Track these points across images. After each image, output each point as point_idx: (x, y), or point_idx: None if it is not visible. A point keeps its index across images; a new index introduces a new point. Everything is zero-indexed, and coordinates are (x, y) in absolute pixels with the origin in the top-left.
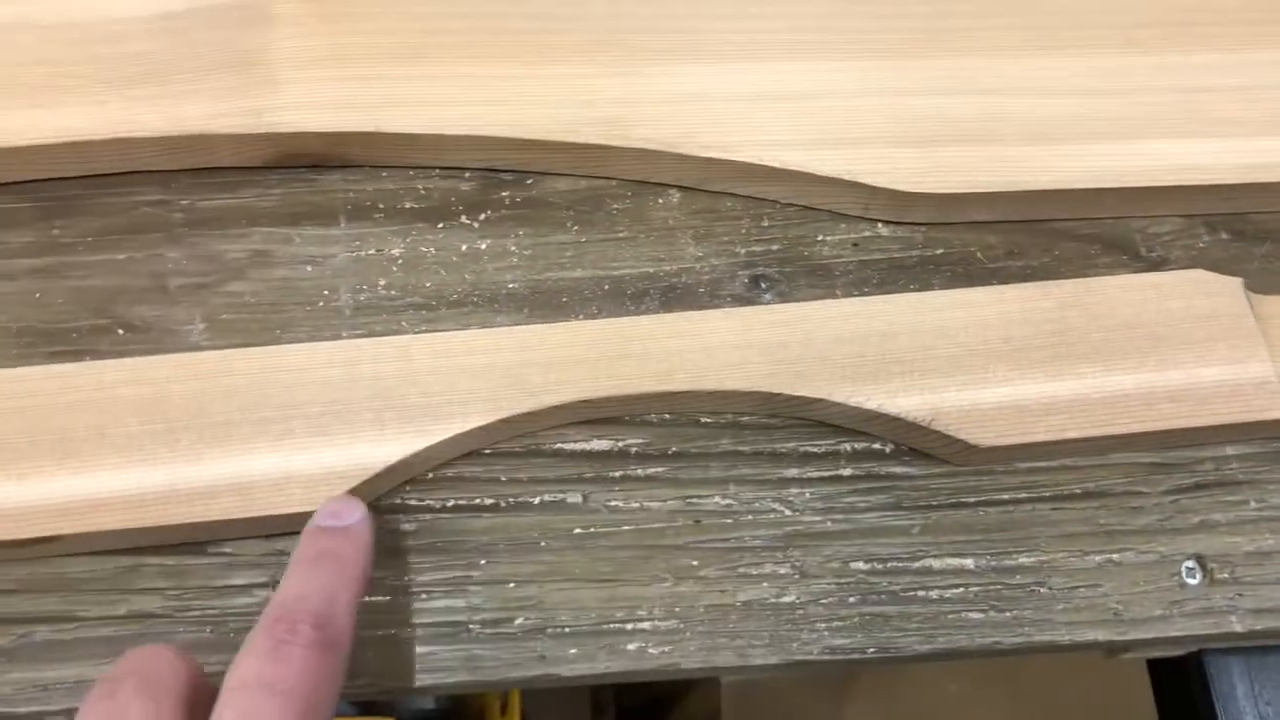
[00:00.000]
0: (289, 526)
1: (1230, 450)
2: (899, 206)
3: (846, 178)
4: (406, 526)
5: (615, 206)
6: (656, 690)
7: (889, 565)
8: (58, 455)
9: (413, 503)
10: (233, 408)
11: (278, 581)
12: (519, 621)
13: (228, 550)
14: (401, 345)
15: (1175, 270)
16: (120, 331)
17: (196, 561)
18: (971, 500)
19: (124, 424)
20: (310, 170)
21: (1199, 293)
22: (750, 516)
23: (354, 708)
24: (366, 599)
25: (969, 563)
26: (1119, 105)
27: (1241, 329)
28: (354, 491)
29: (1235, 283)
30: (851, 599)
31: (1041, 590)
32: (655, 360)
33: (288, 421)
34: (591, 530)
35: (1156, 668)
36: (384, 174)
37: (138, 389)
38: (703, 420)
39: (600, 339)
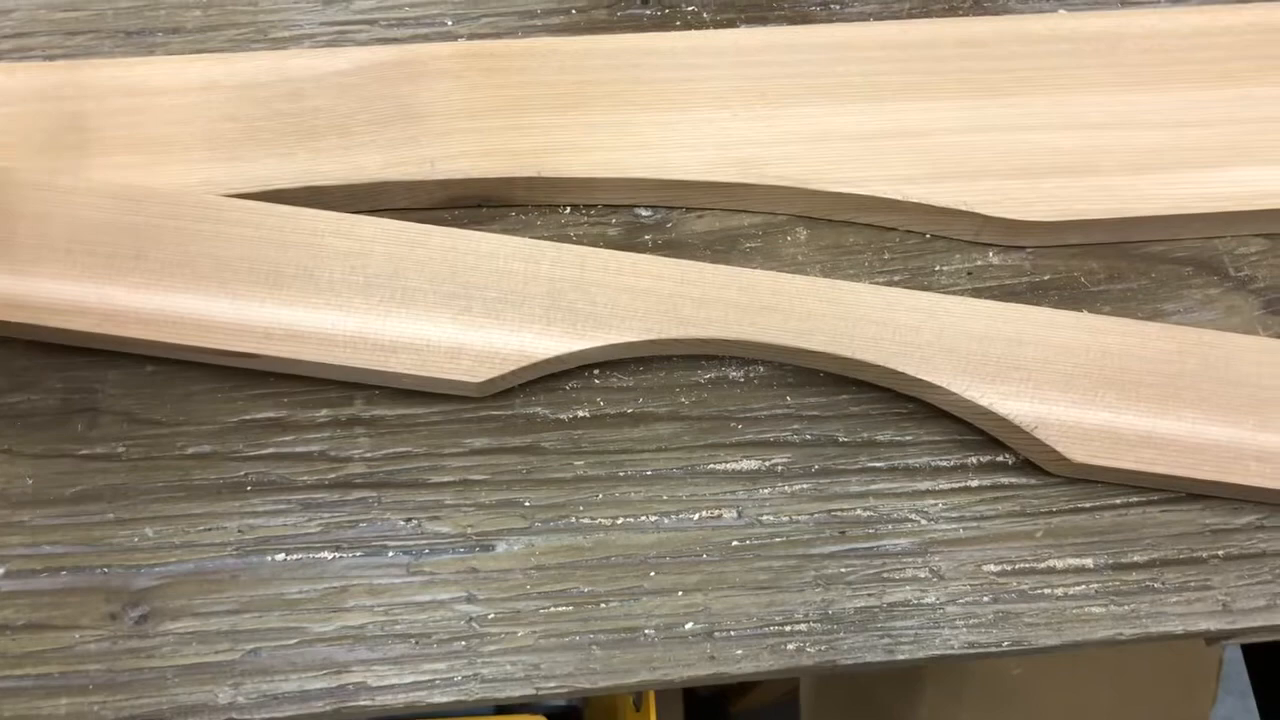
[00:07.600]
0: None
1: None
2: (1008, 232)
3: (963, 208)
4: (582, 542)
5: (748, 245)
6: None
7: (1017, 567)
8: (269, 285)
9: (586, 521)
10: (424, 277)
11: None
12: (689, 626)
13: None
14: (579, 255)
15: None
16: None
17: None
18: (1087, 505)
19: (329, 270)
20: (473, 214)
21: None
22: (890, 526)
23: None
24: (551, 608)
25: (1089, 562)
26: (1205, 135)
27: None
28: (510, 375)
29: None
30: (985, 598)
31: (1155, 585)
32: (797, 318)
33: (468, 299)
34: (747, 543)
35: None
36: (539, 222)
37: (345, 241)
38: (840, 440)
39: (752, 286)
